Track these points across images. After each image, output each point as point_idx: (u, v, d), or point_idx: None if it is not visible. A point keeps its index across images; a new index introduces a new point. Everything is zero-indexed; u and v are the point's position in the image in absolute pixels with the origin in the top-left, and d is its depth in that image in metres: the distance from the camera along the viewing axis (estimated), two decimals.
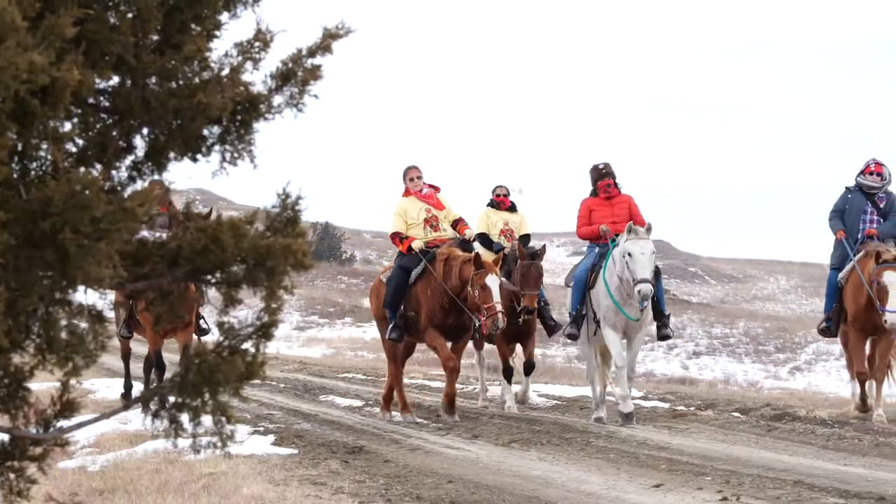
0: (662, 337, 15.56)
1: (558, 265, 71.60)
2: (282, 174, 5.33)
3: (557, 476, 10.63)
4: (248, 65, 5.01)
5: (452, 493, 9.68)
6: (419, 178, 16.01)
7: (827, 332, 16.10)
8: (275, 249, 4.84)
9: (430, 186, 16.11)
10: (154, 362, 16.08)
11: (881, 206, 15.89)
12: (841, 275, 15.66)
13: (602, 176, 15.78)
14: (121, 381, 19.11)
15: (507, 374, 17.13)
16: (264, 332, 4.98)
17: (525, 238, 17.41)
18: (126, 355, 17.83)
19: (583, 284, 15.40)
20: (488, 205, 17.71)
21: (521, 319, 16.34)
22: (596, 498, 9.56)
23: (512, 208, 17.68)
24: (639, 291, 14.21)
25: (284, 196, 5.05)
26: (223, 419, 4.95)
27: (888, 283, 14.62)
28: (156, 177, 4.92)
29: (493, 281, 14.75)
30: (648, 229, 14.60)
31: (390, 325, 15.78)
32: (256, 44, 5.02)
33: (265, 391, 20.61)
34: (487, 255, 16.12)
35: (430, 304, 15.30)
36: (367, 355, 44.82)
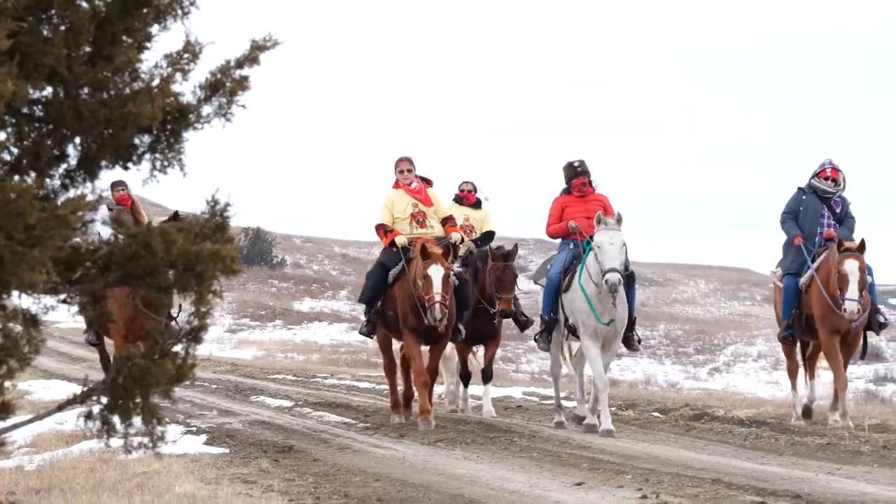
0: (628, 345, 14.75)
1: None
2: (214, 180, 5.48)
3: (482, 474, 10.78)
4: (178, 76, 5.15)
5: (380, 491, 9.82)
6: (410, 171, 15.27)
7: (789, 339, 15.64)
8: (204, 255, 4.97)
9: (422, 180, 15.45)
10: None
11: (837, 210, 15.40)
12: (803, 279, 15.21)
13: (577, 174, 15.03)
14: (58, 383, 18.98)
15: (465, 378, 16.83)
16: (194, 335, 5.12)
17: (487, 235, 17.08)
18: (107, 367, 16.95)
19: (555, 288, 14.73)
20: (453, 199, 17.26)
21: (494, 322, 16.07)
22: (519, 496, 9.72)
23: (476, 205, 17.35)
24: (606, 281, 13.45)
25: (213, 203, 5.19)
26: (154, 420, 5.09)
27: (848, 272, 14.42)
28: (88, 184, 5.05)
29: (435, 271, 14.23)
30: (619, 220, 13.92)
31: (363, 320, 15.51)
32: (186, 55, 5.15)
33: (198, 392, 20.68)
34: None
35: (404, 305, 14.74)
36: (298, 357, 44.77)
